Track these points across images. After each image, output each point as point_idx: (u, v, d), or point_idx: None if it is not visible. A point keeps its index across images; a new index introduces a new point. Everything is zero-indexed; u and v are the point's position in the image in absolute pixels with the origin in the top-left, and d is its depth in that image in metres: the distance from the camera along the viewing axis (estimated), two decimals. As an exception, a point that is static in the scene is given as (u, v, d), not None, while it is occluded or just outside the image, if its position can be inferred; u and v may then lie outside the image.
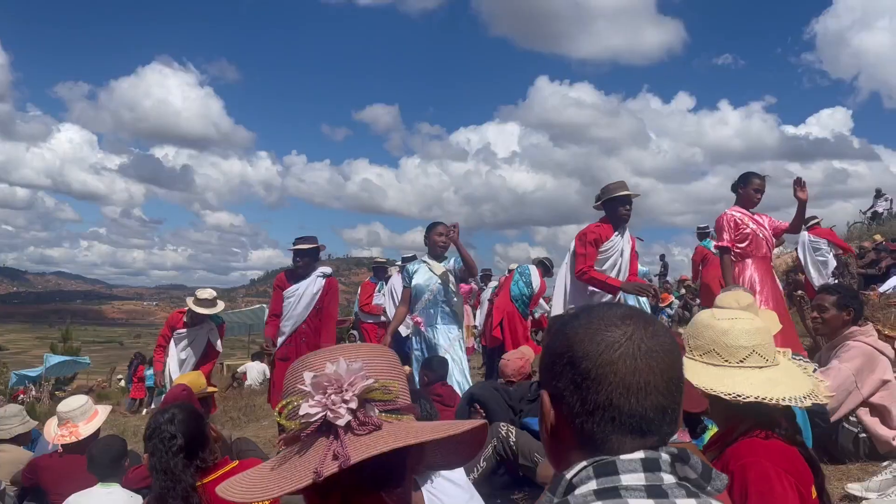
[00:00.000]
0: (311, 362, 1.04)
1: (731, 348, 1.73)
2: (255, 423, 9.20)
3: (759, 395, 1.66)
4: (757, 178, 5.32)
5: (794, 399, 1.66)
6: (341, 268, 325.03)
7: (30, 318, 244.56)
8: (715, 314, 1.83)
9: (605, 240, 4.92)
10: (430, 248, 5.40)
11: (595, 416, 0.91)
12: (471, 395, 4.03)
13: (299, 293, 5.75)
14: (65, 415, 3.92)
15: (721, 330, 1.76)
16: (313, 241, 5.91)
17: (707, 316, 1.84)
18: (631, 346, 0.91)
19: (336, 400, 0.96)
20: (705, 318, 1.84)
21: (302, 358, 1.08)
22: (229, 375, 18.09)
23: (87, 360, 32.42)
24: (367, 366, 1.01)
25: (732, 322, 1.77)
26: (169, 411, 2.39)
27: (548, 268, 8.97)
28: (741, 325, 1.76)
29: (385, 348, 1.12)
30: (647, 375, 0.91)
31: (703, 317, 1.86)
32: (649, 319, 0.97)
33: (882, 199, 18.92)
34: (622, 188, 4.98)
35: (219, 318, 6.68)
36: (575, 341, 0.94)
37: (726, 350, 1.74)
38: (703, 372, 1.74)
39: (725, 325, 1.77)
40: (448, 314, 5.31)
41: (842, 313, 3.83)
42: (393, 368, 1.07)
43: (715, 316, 1.82)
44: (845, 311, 3.83)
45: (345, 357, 1.01)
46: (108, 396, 20.22)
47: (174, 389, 4.10)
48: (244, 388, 14.62)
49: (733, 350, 1.73)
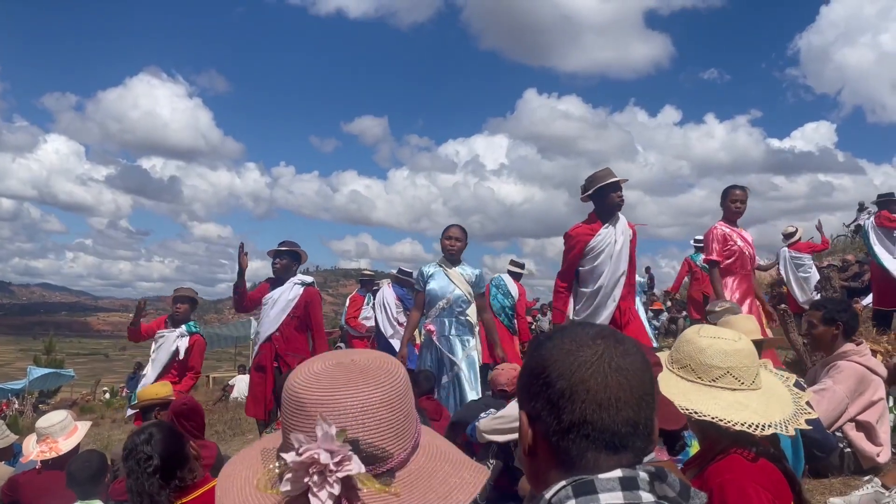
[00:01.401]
0: (304, 403, 1.00)
1: (705, 366, 1.74)
2: (240, 436, 9.13)
3: (715, 416, 1.66)
4: (738, 189, 5.40)
5: (753, 426, 1.65)
6: (329, 279, 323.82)
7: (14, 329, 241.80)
8: (700, 330, 1.84)
9: (590, 237, 4.66)
10: (444, 251, 5.23)
11: (570, 433, 0.95)
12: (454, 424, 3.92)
13: (273, 299, 5.62)
14: (44, 430, 3.87)
15: (699, 347, 1.77)
16: (293, 246, 5.82)
17: (692, 331, 1.85)
18: (602, 363, 0.95)
19: (318, 482, 0.94)
20: (690, 332, 1.85)
21: (298, 392, 1.02)
22: (218, 388, 17.95)
23: (71, 373, 32.06)
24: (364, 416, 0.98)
25: (712, 341, 1.77)
26: (146, 431, 2.37)
27: (519, 273, 8.76)
28: (719, 346, 1.76)
29: (393, 372, 1.05)
30: (617, 391, 0.94)
31: (689, 331, 1.87)
32: (620, 338, 1.01)
33: (864, 212, 19.07)
34: (610, 175, 4.67)
35: (191, 326, 6.41)
36: (549, 362, 0.98)
37: (700, 367, 1.75)
38: (674, 384, 1.76)
39: (704, 343, 1.77)
40: (463, 324, 5.15)
41: (830, 328, 3.77)
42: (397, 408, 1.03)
43: (699, 332, 1.82)
44: (833, 325, 3.77)
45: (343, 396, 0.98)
46: (92, 410, 19.99)
47: (176, 402, 4.03)
48: (230, 402, 14.50)
49: (707, 368, 1.74)
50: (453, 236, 5.18)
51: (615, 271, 4.69)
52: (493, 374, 4.42)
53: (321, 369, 1.03)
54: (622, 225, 4.75)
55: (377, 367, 1.04)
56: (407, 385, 1.06)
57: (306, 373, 1.04)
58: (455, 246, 5.16)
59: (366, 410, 0.98)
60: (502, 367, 4.48)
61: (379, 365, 1.05)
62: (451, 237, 5.18)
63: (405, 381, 1.06)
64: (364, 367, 1.03)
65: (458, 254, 5.19)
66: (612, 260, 4.67)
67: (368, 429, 0.98)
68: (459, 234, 5.22)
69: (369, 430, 0.98)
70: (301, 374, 1.04)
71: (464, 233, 5.29)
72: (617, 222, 4.73)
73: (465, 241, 5.26)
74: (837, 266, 10.80)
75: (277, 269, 5.67)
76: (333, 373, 1.02)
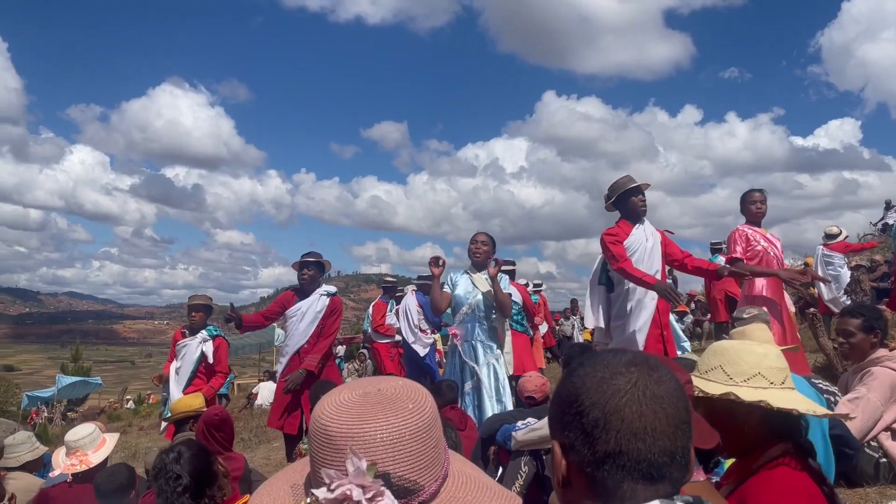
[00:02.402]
0: (333, 435, 1.00)
1: (736, 367, 1.76)
2: (265, 444, 9.16)
3: (758, 399, 1.67)
4: (756, 192, 5.40)
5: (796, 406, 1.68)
6: (350, 285, 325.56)
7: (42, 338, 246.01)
8: (725, 341, 1.88)
9: (625, 237, 4.74)
10: (470, 256, 5.26)
11: (605, 463, 0.93)
12: (482, 440, 3.93)
13: (301, 311, 5.64)
14: (73, 443, 3.90)
15: (726, 349, 1.81)
16: (318, 257, 5.85)
17: (717, 343, 1.89)
18: (636, 392, 0.94)
19: None
20: (715, 344, 1.89)
21: (326, 425, 1.01)
22: (243, 396, 18.08)
23: (98, 381, 32.57)
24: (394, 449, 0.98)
25: (741, 345, 1.82)
26: (175, 449, 2.38)
27: (512, 271, 8.61)
28: (748, 347, 1.81)
29: (421, 401, 1.05)
30: (653, 420, 0.93)
31: (714, 344, 1.90)
32: (654, 365, 0.98)
33: (892, 210, 18.73)
34: (630, 181, 4.82)
35: (212, 330, 6.49)
36: (582, 391, 0.97)
37: (731, 367, 1.76)
38: (706, 386, 1.76)
39: (731, 347, 1.82)
40: (487, 330, 5.13)
41: (869, 336, 3.69)
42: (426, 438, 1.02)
43: (725, 342, 1.88)
44: (872, 333, 3.70)
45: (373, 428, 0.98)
46: (119, 417, 20.26)
47: (207, 412, 4.04)
48: (255, 409, 14.59)
49: (739, 369, 1.75)
50: (479, 241, 5.23)
51: (648, 269, 4.72)
52: (521, 381, 4.45)
53: (348, 399, 1.03)
54: (650, 227, 4.88)
55: (405, 398, 1.03)
56: (435, 414, 1.06)
57: (333, 403, 1.03)
58: (481, 250, 5.19)
59: (395, 443, 0.98)
60: (530, 374, 4.49)
61: (407, 395, 1.04)
62: (476, 241, 5.23)
63: (433, 410, 1.06)
64: (392, 398, 1.03)
65: (484, 259, 5.20)
66: (645, 259, 4.74)
67: (399, 462, 0.98)
68: (486, 239, 5.26)
69: (400, 462, 0.98)
70: (328, 405, 1.03)
71: (490, 239, 5.31)
72: (644, 224, 4.85)
73: (491, 247, 5.28)
74: (866, 267, 10.59)
75: (304, 281, 5.69)
76: (361, 403, 1.02)
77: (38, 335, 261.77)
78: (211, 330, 6.45)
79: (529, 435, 3.56)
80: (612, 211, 4.90)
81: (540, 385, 4.33)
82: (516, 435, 3.61)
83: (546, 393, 4.29)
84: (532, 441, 3.54)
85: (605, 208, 4.92)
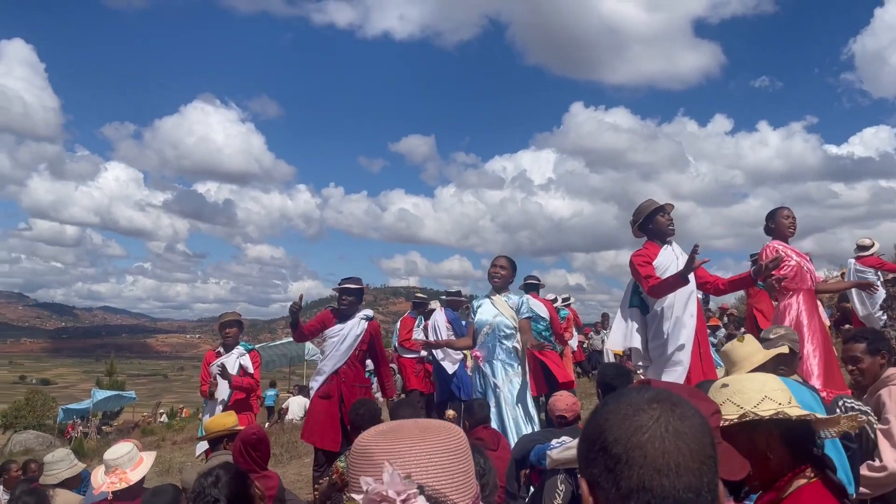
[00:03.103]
0: (373, 453, 1.10)
1: (743, 396, 1.83)
2: (297, 459, 9.24)
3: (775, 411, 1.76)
4: (785, 210, 5.32)
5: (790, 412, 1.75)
6: (379, 298, 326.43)
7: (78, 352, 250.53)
8: (721, 380, 2.00)
9: (655, 257, 4.73)
10: (489, 280, 5.35)
11: (630, 500, 0.92)
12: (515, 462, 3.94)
13: (343, 334, 5.79)
14: (113, 462, 3.97)
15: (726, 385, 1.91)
16: (359, 283, 6.02)
17: (716, 382, 2.01)
18: (659, 428, 0.94)
19: None
20: (715, 383, 2.01)
21: (365, 444, 1.13)
22: (265, 413, 18.19)
23: (132, 395, 33.03)
24: (429, 462, 1.07)
25: (739, 377, 1.98)
26: (213, 473, 2.42)
27: (536, 285, 8.59)
28: (747, 377, 1.96)
29: (454, 432, 1.16)
30: (676, 456, 0.92)
31: (714, 383, 2.02)
32: (677, 401, 0.98)
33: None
34: (654, 203, 4.84)
35: (248, 345, 6.68)
36: (605, 427, 0.97)
37: (738, 396, 1.84)
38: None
39: (731, 381, 1.92)
40: (507, 350, 5.19)
41: (876, 358, 3.69)
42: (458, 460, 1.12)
43: (722, 380, 1.99)
44: (879, 355, 3.70)
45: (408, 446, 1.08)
46: (153, 432, 20.53)
47: (245, 431, 4.09)
48: (285, 423, 14.68)
49: (746, 398, 1.82)
50: (497, 265, 5.33)
51: (682, 288, 4.66)
52: (551, 400, 4.39)
53: (388, 428, 1.16)
54: (678, 248, 4.88)
55: (440, 427, 1.17)
56: (468, 447, 1.16)
57: (375, 430, 1.17)
58: (499, 274, 5.28)
59: (430, 457, 1.09)
60: (560, 393, 4.45)
61: (441, 425, 1.18)
62: (495, 266, 5.34)
63: (466, 442, 1.17)
64: (428, 426, 1.16)
65: (502, 283, 5.29)
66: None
67: (431, 475, 1.07)
68: (505, 263, 5.35)
69: (432, 476, 1.07)
70: (370, 431, 1.17)
71: (510, 263, 5.40)
72: (672, 245, 4.86)
73: (510, 272, 5.37)
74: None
75: (345, 307, 5.87)
76: (400, 429, 1.15)
77: (73, 349, 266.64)
78: (245, 345, 6.65)
79: (565, 453, 3.55)
80: (640, 237, 4.92)
81: (571, 404, 4.27)
82: (552, 453, 3.60)
83: (577, 412, 4.23)
84: (568, 459, 3.54)
85: (633, 234, 4.94)
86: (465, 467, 1.12)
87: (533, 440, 3.85)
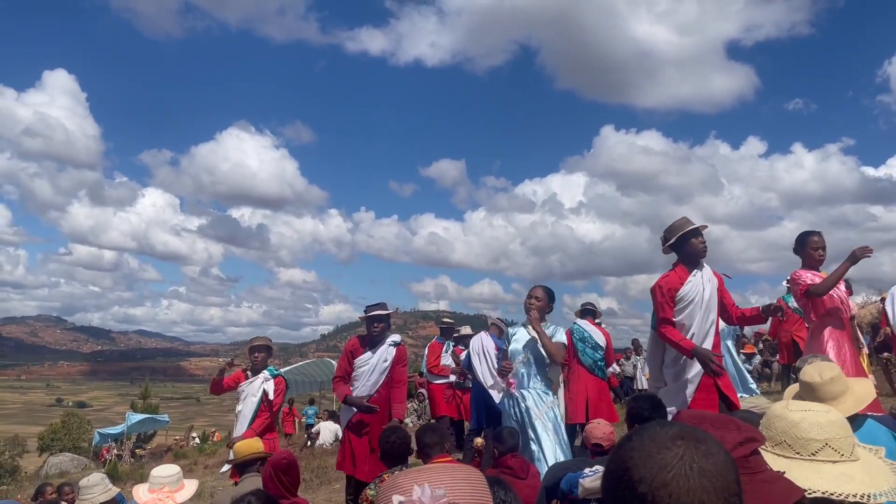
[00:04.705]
0: (400, 484, 1.19)
1: (802, 441, 1.68)
2: (327, 485, 9.23)
3: (827, 490, 1.60)
4: (814, 236, 5.14)
5: (866, 496, 1.58)
6: (409, 321, 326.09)
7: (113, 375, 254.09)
8: (788, 405, 1.78)
9: (680, 285, 4.60)
10: (525, 311, 5.33)
11: None
12: (545, 489, 3.88)
13: (373, 363, 5.85)
14: (161, 480, 4.05)
15: (792, 422, 1.71)
16: (385, 308, 6.04)
17: (780, 407, 1.80)
18: (683, 466, 0.94)
19: None
20: (778, 408, 1.79)
21: (393, 477, 1.23)
22: (303, 435, 18.24)
23: (166, 418, 33.32)
24: (455, 486, 1.17)
25: (804, 414, 1.73)
26: (245, 500, 2.46)
27: (594, 311, 8.18)
28: (813, 418, 1.71)
29: (471, 471, 1.28)
30: (701, 495, 0.92)
31: (776, 407, 1.81)
32: (701, 437, 0.99)
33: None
34: (688, 223, 4.65)
35: (273, 370, 6.74)
36: (630, 465, 0.98)
37: (797, 442, 1.69)
38: (773, 463, 1.69)
39: (797, 417, 1.73)
40: (538, 377, 5.19)
41: None
42: (481, 489, 1.23)
43: (788, 407, 1.77)
44: None
45: (436, 473, 1.19)
46: (185, 455, 20.67)
47: (276, 456, 4.13)
48: (316, 448, 14.70)
49: (804, 443, 1.68)
50: (533, 295, 5.31)
51: (705, 320, 4.61)
52: (587, 429, 4.32)
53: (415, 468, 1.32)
54: (708, 273, 4.72)
55: (462, 465, 1.33)
56: (486, 485, 1.27)
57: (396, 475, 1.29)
58: (533, 304, 5.25)
59: (456, 482, 1.21)
60: (597, 422, 4.36)
61: (463, 465, 1.34)
62: (530, 296, 5.32)
63: (484, 481, 1.28)
64: (451, 464, 1.32)
65: (538, 313, 5.24)
66: (703, 308, 4.60)
67: (458, 496, 1.18)
68: (541, 294, 5.32)
69: (459, 497, 1.18)
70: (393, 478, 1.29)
71: (546, 293, 5.34)
72: (702, 269, 4.70)
73: (546, 302, 5.31)
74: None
75: (376, 335, 5.93)
76: (424, 467, 1.30)
77: (109, 372, 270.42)
78: (272, 370, 6.72)
79: (598, 482, 3.50)
80: (668, 254, 4.76)
81: (607, 433, 4.19)
82: (584, 482, 3.53)
83: (613, 441, 4.13)
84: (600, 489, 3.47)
85: (663, 251, 4.75)
86: (486, 499, 1.23)
87: (565, 468, 3.79)
